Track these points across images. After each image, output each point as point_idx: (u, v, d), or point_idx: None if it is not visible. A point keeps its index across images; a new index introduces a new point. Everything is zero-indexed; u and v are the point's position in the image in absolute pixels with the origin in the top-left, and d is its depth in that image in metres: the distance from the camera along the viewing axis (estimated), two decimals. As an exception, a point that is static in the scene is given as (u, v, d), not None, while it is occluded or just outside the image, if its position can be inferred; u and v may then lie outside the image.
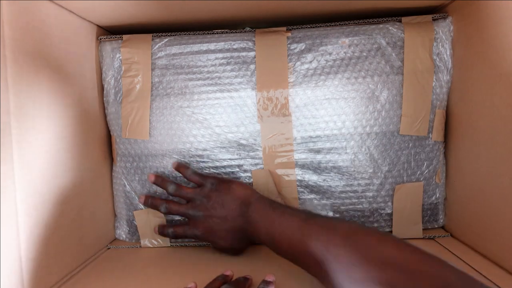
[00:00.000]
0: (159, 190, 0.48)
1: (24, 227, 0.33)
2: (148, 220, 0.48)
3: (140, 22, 0.47)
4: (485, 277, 0.36)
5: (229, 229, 0.41)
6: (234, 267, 0.41)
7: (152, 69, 0.47)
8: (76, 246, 0.42)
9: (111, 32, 0.51)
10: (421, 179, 0.47)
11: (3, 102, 0.31)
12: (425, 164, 0.47)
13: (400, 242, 0.29)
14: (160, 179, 0.46)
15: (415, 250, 0.28)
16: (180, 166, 0.46)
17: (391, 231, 0.48)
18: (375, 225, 0.48)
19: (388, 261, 0.27)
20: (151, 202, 0.46)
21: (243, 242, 0.42)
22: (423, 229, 0.48)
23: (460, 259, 0.41)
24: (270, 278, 0.35)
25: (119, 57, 0.47)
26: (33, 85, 0.35)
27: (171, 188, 0.45)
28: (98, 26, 0.48)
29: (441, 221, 0.48)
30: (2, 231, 0.30)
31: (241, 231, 0.40)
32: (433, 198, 0.47)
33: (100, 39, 0.48)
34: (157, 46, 0.47)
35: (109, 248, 0.48)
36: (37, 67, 0.35)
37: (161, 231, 0.46)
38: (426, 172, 0.47)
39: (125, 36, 0.48)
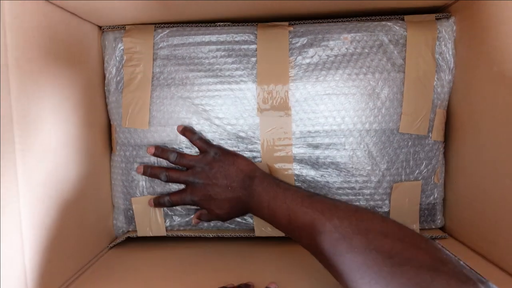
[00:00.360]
0: (156, 179, 0.48)
1: (27, 230, 0.33)
2: (145, 207, 0.48)
3: (140, 22, 0.47)
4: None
5: (229, 199, 0.41)
6: (235, 269, 0.40)
7: (154, 59, 0.47)
8: (79, 248, 0.42)
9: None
10: (420, 178, 0.46)
11: (4, 102, 0.31)
12: (424, 164, 0.46)
13: (398, 222, 0.30)
14: (160, 150, 0.46)
15: (412, 230, 0.29)
16: (186, 130, 0.46)
17: (387, 230, 0.47)
18: (372, 223, 0.47)
19: (389, 234, 0.28)
20: (150, 171, 0.46)
21: (238, 212, 0.43)
22: (420, 229, 0.48)
23: (459, 260, 0.40)
24: (272, 286, 0.36)
25: (121, 46, 0.48)
26: (35, 85, 0.35)
27: (172, 156, 0.45)
28: (99, 27, 0.48)
29: (439, 221, 0.48)
30: (4, 234, 0.30)
31: (240, 202, 0.41)
32: (431, 198, 0.47)
33: (103, 28, 0.48)
34: (159, 37, 0.47)
35: (110, 248, 0.48)
36: (38, 68, 0.35)
37: (157, 201, 0.46)
38: (425, 172, 0.46)
39: (127, 26, 0.48)
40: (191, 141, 0.46)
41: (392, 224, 0.30)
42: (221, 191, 0.41)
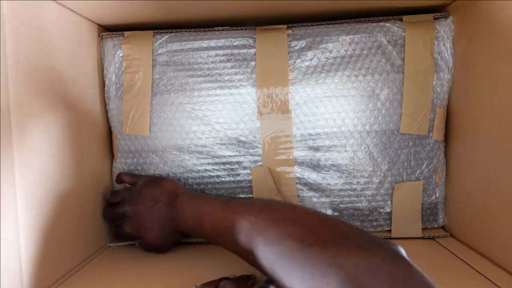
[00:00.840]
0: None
1: (23, 225, 0.33)
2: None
3: (141, 21, 0.47)
4: (485, 277, 0.36)
5: (157, 218, 0.41)
6: (234, 266, 0.40)
7: (153, 66, 0.47)
8: (76, 244, 0.42)
9: (112, 31, 0.51)
10: (421, 178, 0.47)
11: (3, 100, 0.31)
12: (425, 163, 0.46)
13: (307, 208, 0.35)
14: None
15: (318, 213, 0.34)
16: (117, 177, 0.47)
17: (390, 230, 0.48)
18: (374, 223, 0.48)
19: (298, 221, 0.31)
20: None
21: (171, 235, 0.43)
22: (423, 229, 0.48)
23: (460, 259, 0.40)
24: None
25: (120, 53, 0.48)
26: (34, 83, 0.35)
27: (108, 196, 0.46)
28: (99, 25, 0.48)
29: (441, 221, 0.48)
30: (1, 228, 0.30)
31: (169, 221, 0.41)
32: (433, 197, 0.47)
33: (102, 35, 0.48)
34: (158, 43, 0.47)
35: (109, 247, 0.49)
36: (37, 65, 0.35)
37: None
38: (426, 171, 0.47)
39: (126, 33, 0.48)
40: (118, 180, 0.47)
41: (301, 210, 0.33)
42: (148, 212, 0.42)
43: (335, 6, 0.45)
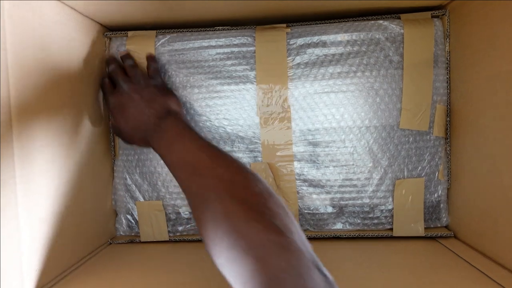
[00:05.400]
0: (159, 183, 0.49)
1: (24, 221, 0.33)
2: (149, 212, 0.48)
3: (142, 21, 0.48)
4: (489, 277, 0.35)
5: (138, 120, 0.41)
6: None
7: (155, 64, 0.48)
8: (77, 240, 0.42)
9: (114, 31, 0.53)
10: (422, 174, 0.46)
11: (4, 96, 0.31)
12: (426, 160, 0.46)
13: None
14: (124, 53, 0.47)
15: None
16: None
17: (391, 229, 0.47)
18: (375, 221, 0.47)
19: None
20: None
21: (140, 138, 0.42)
22: (425, 228, 0.47)
23: (462, 258, 0.40)
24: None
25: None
26: (34, 79, 0.35)
27: (128, 61, 0.46)
28: (101, 24, 0.50)
29: (444, 220, 0.47)
30: (2, 225, 0.30)
31: (146, 127, 0.40)
32: (435, 195, 0.47)
33: (106, 35, 0.50)
34: (160, 43, 0.49)
35: (110, 244, 0.48)
36: (38, 63, 0.36)
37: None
38: (428, 168, 0.46)
39: (129, 33, 0.49)
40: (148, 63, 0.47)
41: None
42: (138, 107, 0.41)
43: (334, 7, 0.46)
